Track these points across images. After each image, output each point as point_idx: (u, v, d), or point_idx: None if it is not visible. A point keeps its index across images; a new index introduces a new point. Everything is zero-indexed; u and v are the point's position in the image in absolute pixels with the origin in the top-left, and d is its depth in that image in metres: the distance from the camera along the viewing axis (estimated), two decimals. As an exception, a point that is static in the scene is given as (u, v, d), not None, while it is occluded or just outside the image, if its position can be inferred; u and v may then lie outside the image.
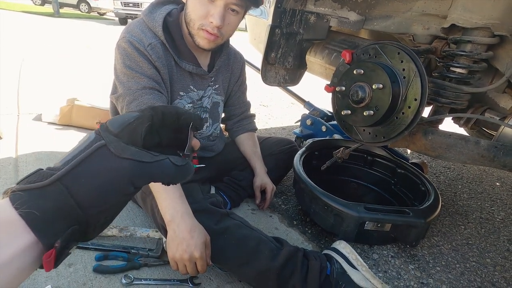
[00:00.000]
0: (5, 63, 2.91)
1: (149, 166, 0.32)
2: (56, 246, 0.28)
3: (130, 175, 0.32)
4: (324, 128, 1.69)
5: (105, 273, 0.85)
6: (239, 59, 1.19)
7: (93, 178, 0.31)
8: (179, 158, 0.35)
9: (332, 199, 1.02)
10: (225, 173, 1.24)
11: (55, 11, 10.06)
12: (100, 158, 0.31)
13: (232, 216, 0.89)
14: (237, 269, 0.83)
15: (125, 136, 0.33)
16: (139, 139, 0.35)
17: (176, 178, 0.35)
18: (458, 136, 0.88)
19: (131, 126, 0.34)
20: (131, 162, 0.31)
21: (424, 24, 0.94)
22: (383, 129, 0.92)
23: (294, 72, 1.37)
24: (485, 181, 1.77)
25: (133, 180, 0.32)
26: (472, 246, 1.19)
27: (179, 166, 0.34)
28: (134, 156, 0.32)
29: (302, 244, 1.08)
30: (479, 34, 0.80)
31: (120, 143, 0.32)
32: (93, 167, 0.31)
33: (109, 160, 0.31)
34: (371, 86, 0.87)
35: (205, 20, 0.87)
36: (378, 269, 1.01)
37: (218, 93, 1.13)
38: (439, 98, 0.90)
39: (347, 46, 1.23)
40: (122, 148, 0.32)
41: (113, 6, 10.09)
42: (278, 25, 1.16)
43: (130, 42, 0.89)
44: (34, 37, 4.85)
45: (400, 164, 1.32)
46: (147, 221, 1.08)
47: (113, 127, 0.33)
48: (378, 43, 0.90)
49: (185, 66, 0.98)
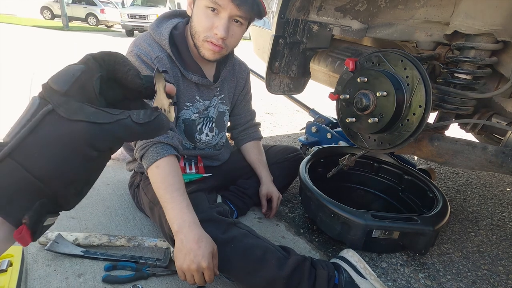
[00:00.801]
0: (16, 77, 2.99)
1: (108, 126, 0.29)
2: (24, 222, 0.27)
3: (87, 138, 0.28)
4: (330, 135, 1.69)
5: (114, 283, 0.85)
6: (244, 69, 1.21)
7: (47, 148, 0.27)
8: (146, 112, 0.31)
9: (339, 207, 1.02)
10: (231, 182, 1.25)
11: (64, 25, 10.35)
12: (50, 125, 0.28)
13: (239, 225, 0.89)
14: (244, 279, 0.83)
15: (76, 94, 0.29)
16: (93, 95, 0.30)
17: (144, 136, 0.32)
18: (465, 142, 0.87)
19: (79, 80, 0.29)
20: (86, 125, 0.28)
21: (427, 31, 0.94)
22: (388, 136, 0.92)
23: (298, 80, 1.39)
24: (495, 187, 1.74)
25: (93, 143, 0.29)
26: (484, 253, 1.16)
27: (144, 124, 0.30)
28: (88, 118, 0.28)
29: (309, 252, 1.07)
30: (482, 40, 0.80)
31: (71, 103, 0.28)
32: (44, 136, 0.28)
33: (60, 126, 0.28)
34: (375, 94, 0.87)
35: (210, 32, 0.89)
36: (387, 278, 0.99)
37: (224, 102, 1.15)
38: (444, 104, 0.90)
39: (350, 54, 1.24)
40: (74, 109, 0.28)
41: (120, 18, 10.35)
42: (281, 35, 1.18)
43: (137, 56, 0.92)
44: (45, 51, 4.99)
45: (407, 170, 1.31)
46: (154, 231, 1.08)
47: (58, 85, 0.29)
48: (381, 51, 0.91)
49: (191, 77, 1.00)
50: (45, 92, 0.29)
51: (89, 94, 0.30)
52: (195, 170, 1.10)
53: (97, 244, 0.97)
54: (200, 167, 1.10)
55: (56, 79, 0.29)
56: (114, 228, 1.08)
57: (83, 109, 0.28)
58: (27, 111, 0.28)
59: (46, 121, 0.28)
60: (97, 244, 0.97)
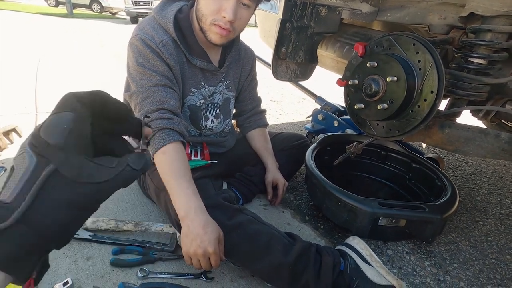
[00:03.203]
0: (22, 63, 3.00)
1: (112, 182, 0.30)
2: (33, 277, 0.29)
3: (95, 198, 0.30)
4: (336, 123, 1.67)
5: (122, 266, 0.87)
6: (250, 54, 1.18)
7: (57, 211, 0.28)
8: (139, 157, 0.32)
9: (346, 195, 1.01)
10: (237, 169, 1.24)
11: (68, 12, 10.28)
12: (57, 188, 0.28)
13: (245, 212, 0.89)
14: (250, 264, 0.83)
15: (72, 146, 0.28)
16: (87, 142, 0.30)
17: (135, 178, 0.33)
18: (477, 129, 0.85)
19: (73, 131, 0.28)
20: (92, 186, 0.29)
21: (441, 13, 0.90)
22: (397, 123, 0.90)
23: (305, 66, 1.36)
24: (505, 176, 1.71)
25: (99, 199, 0.31)
26: (492, 242, 1.15)
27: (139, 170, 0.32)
28: (93, 179, 0.29)
29: (314, 239, 1.07)
30: (499, 22, 0.77)
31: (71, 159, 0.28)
32: (53, 201, 0.28)
33: (67, 189, 0.28)
34: (385, 79, 0.85)
35: (218, 15, 0.86)
36: (392, 265, 0.99)
37: (229, 89, 1.13)
38: (457, 90, 0.87)
39: (359, 38, 1.20)
40: (76, 168, 0.28)
41: (124, 5, 10.21)
42: (288, 19, 1.15)
43: (142, 40, 0.90)
44: (50, 38, 4.98)
45: (415, 158, 1.29)
46: (161, 216, 1.09)
47: (54, 139, 0.28)
48: (392, 35, 0.88)
49: (196, 63, 0.98)
50: (40, 147, 0.28)
51: (83, 142, 0.30)
52: (200, 157, 1.09)
53: (105, 228, 0.98)
54: (206, 153, 1.10)
55: (49, 132, 0.28)
56: (121, 214, 1.09)
57: (84, 166, 0.29)
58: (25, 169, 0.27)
59: (51, 183, 0.27)
60: (104, 228, 0.98)
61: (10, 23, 6.18)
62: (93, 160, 0.30)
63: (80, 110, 0.30)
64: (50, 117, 0.29)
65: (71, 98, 0.30)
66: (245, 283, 0.87)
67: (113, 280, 0.83)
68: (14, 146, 1.47)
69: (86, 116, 0.30)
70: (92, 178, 0.29)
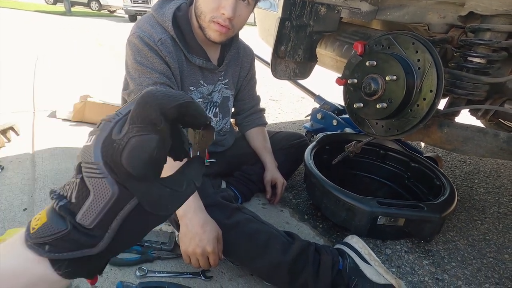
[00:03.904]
0: (20, 61, 2.98)
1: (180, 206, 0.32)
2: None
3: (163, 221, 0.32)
4: (335, 122, 1.66)
5: (120, 265, 0.87)
6: (249, 53, 1.18)
7: (134, 236, 0.31)
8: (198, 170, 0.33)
9: (344, 194, 1.01)
10: (236, 168, 1.24)
11: (66, 10, 10.23)
12: (137, 219, 0.29)
13: (244, 211, 0.89)
14: (249, 263, 0.83)
15: (153, 174, 0.29)
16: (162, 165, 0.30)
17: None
18: (476, 128, 0.85)
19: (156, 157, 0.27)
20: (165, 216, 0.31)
21: (440, 12, 0.90)
22: (396, 122, 0.90)
23: (304, 65, 1.35)
24: (503, 175, 1.72)
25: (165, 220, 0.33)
26: (490, 241, 1.15)
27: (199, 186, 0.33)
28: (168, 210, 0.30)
29: (313, 238, 1.07)
30: (499, 22, 0.77)
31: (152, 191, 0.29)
32: (131, 229, 0.30)
33: (145, 219, 0.30)
34: (384, 78, 0.85)
35: (217, 12, 0.86)
36: (391, 264, 0.99)
37: (228, 87, 1.13)
38: (456, 89, 0.86)
39: (359, 37, 1.20)
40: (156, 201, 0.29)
41: (123, 3, 10.18)
42: (288, 18, 1.14)
43: (140, 38, 0.90)
44: (48, 36, 4.95)
45: (414, 158, 1.29)
46: (159, 215, 1.09)
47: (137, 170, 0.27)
48: (392, 33, 0.88)
49: (195, 61, 0.98)
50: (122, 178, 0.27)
51: (161, 165, 0.29)
52: (199, 156, 1.09)
53: (103, 227, 0.97)
54: (205, 152, 1.10)
55: (133, 163, 0.26)
56: (120, 213, 1.09)
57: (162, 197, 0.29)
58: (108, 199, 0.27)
59: (132, 215, 0.29)
60: (103, 227, 0.97)
61: (8, 21, 6.14)
62: (167, 184, 0.30)
63: (164, 130, 0.27)
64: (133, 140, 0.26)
65: (156, 112, 0.27)
66: (244, 282, 0.86)
67: (111, 279, 0.83)
68: (12, 144, 1.46)
69: (168, 137, 0.28)
70: (167, 210, 0.30)
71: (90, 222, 0.28)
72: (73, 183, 0.29)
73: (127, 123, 0.27)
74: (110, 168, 0.27)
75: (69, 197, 0.29)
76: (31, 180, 1.21)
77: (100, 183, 0.27)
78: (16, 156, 1.37)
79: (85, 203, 0.28)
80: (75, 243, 0.28)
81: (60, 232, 0.28)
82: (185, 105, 0.28)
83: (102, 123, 0.29)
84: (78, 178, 0.28)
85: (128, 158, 0.26)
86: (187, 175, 0.32)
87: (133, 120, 0.27)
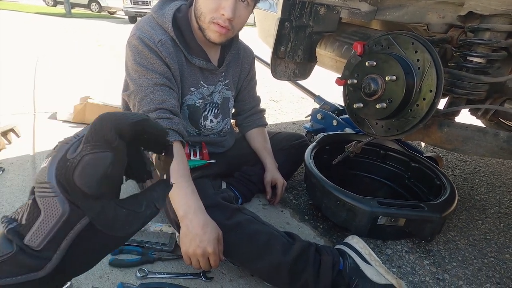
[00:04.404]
0: (21, 63, 2.99)
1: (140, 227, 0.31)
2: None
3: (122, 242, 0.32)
4: (335, 122, 1.66)
5: (121, 266, 0.87)
6: (249, 53, 1.18)
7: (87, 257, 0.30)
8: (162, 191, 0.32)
9: (345, 194, 1.01)
10: (236, 169, 1.24)
11: (67, 12, 10.24)
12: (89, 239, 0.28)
13: (244, 211, 0.89)
14: (249, 264, 0.83)
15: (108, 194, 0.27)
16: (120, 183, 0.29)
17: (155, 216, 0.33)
18: (476, 128, 0.85)
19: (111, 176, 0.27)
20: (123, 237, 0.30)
21: (439, 12, 0.90)
22: (396, 122, 0.90)
23: (304, 65, 1.35)
24: (503, 175, 1.72)
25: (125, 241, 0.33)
26: (491, 241, 1.15)
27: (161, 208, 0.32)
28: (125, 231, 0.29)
29: (314, 239, 1.07)
30: (498, 21, 0.77)
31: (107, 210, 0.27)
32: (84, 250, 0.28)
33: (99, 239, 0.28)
34: (384, 78, 0.85)
35: (216, 13, 0.86)
36: (392, 264, 0.99)
37: (229, 88, 1.13)
38: (456, 89, 0.87)
39: (358, 37, 1.20)
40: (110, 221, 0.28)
41: (123, 4, 10.18)
42: (287, 18, 1.14)
43: (140, 39, 0.90)
44: (48, 37, 4.96)
45: (414, 158, 1.29)
46: (160, 216, 1.09)
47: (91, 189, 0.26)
48: (391, 34, 0.88)
49: (195, 62, 0.98)
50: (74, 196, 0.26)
51: (117, 184, 0.29)
52: (199, 157, 1.09)
53: (104, 229, 0.98)
54: (205, 153, 1.10)
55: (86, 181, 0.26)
56: (120, 214, 1.09)
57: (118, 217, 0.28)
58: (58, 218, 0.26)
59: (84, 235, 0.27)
60: (103, 229, 0.98)
61: (8, 23, 6.16)
62: (124, 205, 0.29)
63: (119, 148, 0.27)
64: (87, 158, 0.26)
65: (111, 131, 0.26)
66: (245, 283, 0.87)
67: (112, 280, 0.83)
68: (12, 146, 1.46)
69: (124, 154, 0.28)
70: (123, 231, 0.29)
71: (39, 243, 0.27)
72: (26, 205, 0.28)
73: (82, 142, 0.27)
74: (63, 187, 0.26)
75: (20, 220, 0.28)
76: (32, 182, 1.21)
77: (51, 202, 0.26)
78: (17, 158, 1.37)
79: (35, 223, 0.27)
80: (20, 267, 0.26)
81: (5, 255, 0.26)
82: (141, 123, 0.28)
83: (59, 145, 0.29)
84: (31, 199, 0.27)
85: (80, 176, 0.26)
86: (148, 196, 0.31)
87: (87, 139, 0.27)
